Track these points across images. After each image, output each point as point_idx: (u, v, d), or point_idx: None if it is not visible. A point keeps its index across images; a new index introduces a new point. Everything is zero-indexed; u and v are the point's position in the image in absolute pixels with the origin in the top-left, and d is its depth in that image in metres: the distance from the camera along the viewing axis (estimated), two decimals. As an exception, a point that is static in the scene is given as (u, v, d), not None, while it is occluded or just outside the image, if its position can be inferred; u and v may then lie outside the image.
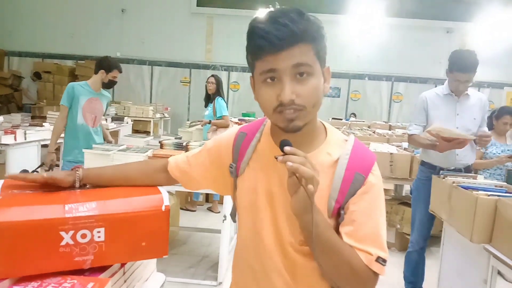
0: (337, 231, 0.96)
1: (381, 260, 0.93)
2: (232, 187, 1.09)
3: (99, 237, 0.97)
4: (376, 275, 0.94)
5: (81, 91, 3.58)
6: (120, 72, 3.77)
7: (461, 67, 2.73)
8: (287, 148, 0.84)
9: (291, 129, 0.91)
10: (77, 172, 1.11)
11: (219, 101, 4.83)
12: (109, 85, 3.75)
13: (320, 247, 0.89)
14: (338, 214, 0.96)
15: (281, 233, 0.98)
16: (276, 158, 0.84)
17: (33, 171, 3.89)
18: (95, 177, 1.14)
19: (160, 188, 1.13)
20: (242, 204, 1.06)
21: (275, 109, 0.90)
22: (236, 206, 1.11)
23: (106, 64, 3.66)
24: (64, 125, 3.57)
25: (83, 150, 3.13)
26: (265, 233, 1.00)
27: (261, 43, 0.87)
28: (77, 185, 1.10)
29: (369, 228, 0.94)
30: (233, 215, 1.14)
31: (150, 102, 10.08)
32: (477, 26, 9.49)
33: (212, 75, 4.86)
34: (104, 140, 3.84)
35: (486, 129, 2.96)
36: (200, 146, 3.16)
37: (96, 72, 3.68)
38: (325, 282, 0.99)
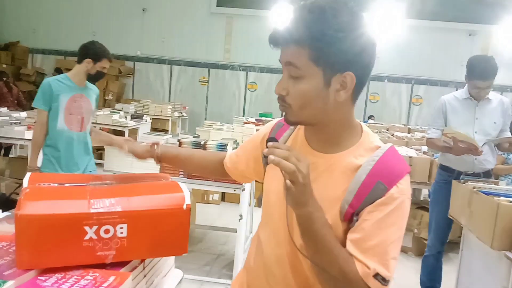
0: (345, 235, 0.92)
1: (380, 278, 0.85)
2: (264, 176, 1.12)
3: (121, 233, 0.99)
4: None
5: (61, 88, 2.82)
6: (110, 61, 3.00)
7: (480, 75, 2.69)
8: (270, 144, 0.84)
9: (285, 121, 0.96)
10: (156, 151, 1.19)
11: None
12: (96, 77, 2.96)
13: (314, 246, 0.87)
14: (351, 220, 0.91)
15: (293, 229, 0.95)
16: (263, 154, 0.84)
17: (8, 197, 3.69)
18: (172, 158, 1.23)
19: (182, 186, 1.14)
20: (266, 192, 1.07)
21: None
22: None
23: (92, 52, 2.90)
24: (45, 133, 2.85)
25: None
26: (278, 236, 1.00)
27: (269, 37, 0.91)
28: (156, 162, 1.19)
29: (377, 241, 0.87)
30: (260, 199, 1.17)
31: (169, 101, 10.18)
32: (501, 29, 9.29)
33: None
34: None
35: (509, 134, 2.90)
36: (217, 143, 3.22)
37: (79, 62, 2.90)
38: None
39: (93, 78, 2.97)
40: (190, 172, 1.29)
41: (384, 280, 0.86)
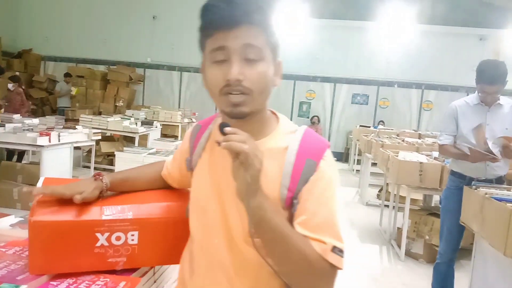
0: (291, 223, 0.89)
1: (337, 251, 0.85)
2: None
3: (132, 240, 1.00)
4: (333, 267, 0.85)
5: None
6: None
7: (488, 79, 2.67)
8: (227, 129, 0.80)
9: (236, 114, 0.87)
10: (103, 181, 1.07)
11: None
12: None
13: (269, 235, 0.83)
14: (291, 205, 0.90)
15: (230, 228, 0.93)
16: (218, 143, 0.79)
17: None
18: (122, 183, 1.12)
19: None
20: (193, 198, 1.02)
21: (221, 90, 0.86)
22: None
23: None
24: None
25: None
26: (214, 228, 0.95)
27: (213, 19, 0.85)
28: (105, 194, 1.07)
29: (324, 217, 0.87)
30: (188, 209, 1.08)
31: (179, 107, 10.25)
32: (512, 33, 9.22)
33: None
34: None
35: None
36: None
37: None
38: (275, 279, 0.92)
39: None
40: (141, 189, 1.16)
41: (341, 252, 0.86)
